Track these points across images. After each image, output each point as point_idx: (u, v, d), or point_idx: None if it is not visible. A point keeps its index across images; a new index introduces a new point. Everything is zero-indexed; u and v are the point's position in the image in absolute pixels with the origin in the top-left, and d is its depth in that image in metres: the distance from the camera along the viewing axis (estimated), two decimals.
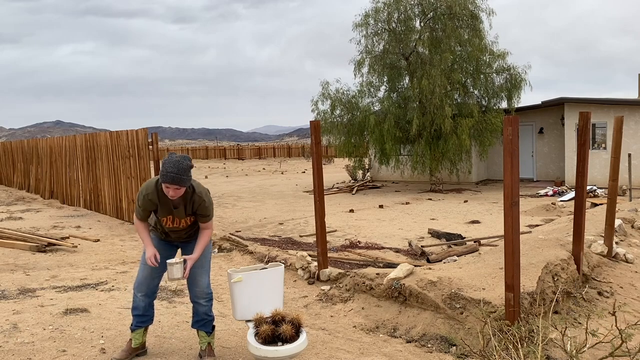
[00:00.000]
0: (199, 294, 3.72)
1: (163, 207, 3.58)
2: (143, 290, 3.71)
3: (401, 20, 16.25)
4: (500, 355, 3.20)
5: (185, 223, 3.65)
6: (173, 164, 3.37)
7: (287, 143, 77.88)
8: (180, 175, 3.37)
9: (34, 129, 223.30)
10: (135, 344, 3.74)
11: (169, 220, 3.62)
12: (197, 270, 3.69)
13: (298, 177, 23.86)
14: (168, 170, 3.37)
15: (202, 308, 3.74)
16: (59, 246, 8.05)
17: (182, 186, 3.41)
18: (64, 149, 14.29)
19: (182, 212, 3.60)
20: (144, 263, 3.68)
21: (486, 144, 16.19)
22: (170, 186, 3.39)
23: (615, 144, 5.71)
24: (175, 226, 3.65)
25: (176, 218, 3.63)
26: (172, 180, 3.37)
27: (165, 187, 3.41)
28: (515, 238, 3.66)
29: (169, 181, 3.37)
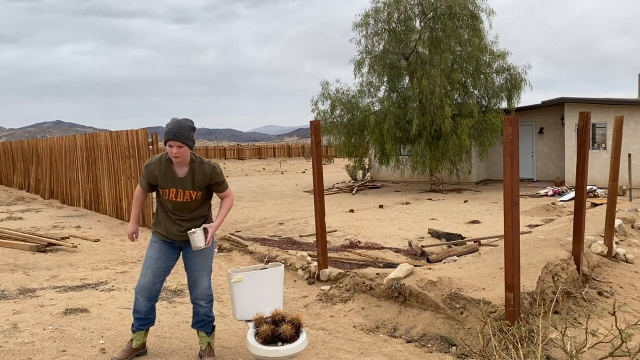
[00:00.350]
0: (200, 295, 3.69)
1: (166, 178, 3.52)
2: (145, 295, 3.65)
3: (401, 20, 16.26)
4: (500, 355, 3.20)
5: (189, 196, 3.54)
6: (174, 122, 3.42)
7: (287, 143, 77.89)
8: (182, 132, 3.37)
9: (34, 129, 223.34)
10: (136, 344, 3.72)
11: (171, 193, 3.52)
12: (198, 272, 3.66)
13: (298, 177, 23.86)
14: (169, 127, 3.40)
15: (203, 309, 3.71)
16: (59, 246, 8.05)
17: (184, 143, 3.39)
18: (64, 149, 14.29)
19: (189, 183, 3.52)
20: (147, 267, 3.63)
21: (486, 144, 16.19)
22: (173, 143, 3.37)
23: (615, 144, 5.70)
24: (179, 199, 3.54)
25: (180, 190, 3.53)
26: (173, 135, 3.37)
27: (168, 147, 3.39)
28: (515, 238, 3.66)
29: (170, 137, 3.37)
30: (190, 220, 3.62)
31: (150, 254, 3.65)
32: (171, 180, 3.53)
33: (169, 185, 3.52)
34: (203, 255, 3.67)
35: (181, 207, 3.59)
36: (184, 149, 3.43)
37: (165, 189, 3.53)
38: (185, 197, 3.55)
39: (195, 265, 3.66)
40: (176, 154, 3.40)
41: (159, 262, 3.63)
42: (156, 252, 3.64)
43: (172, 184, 3.52)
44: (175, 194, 3.54)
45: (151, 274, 3.60)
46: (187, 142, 3.42)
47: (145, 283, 3.62)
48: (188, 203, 3.57)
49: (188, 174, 3.52)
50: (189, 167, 3.53)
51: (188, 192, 3.53)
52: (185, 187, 3.52)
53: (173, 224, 3.62)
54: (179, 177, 3.53)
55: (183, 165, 3.54)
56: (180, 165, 3.53)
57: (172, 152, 3.41)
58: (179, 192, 3.55)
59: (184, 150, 3.43)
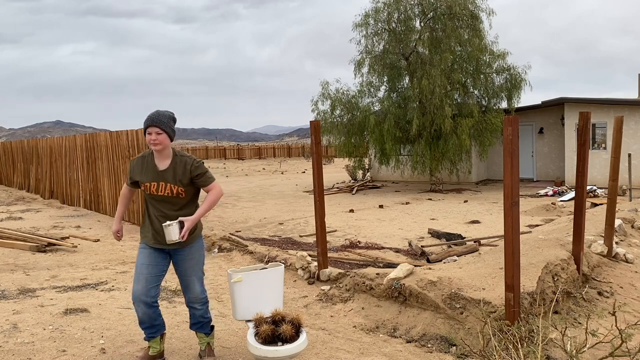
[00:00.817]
0: (194, 299, 3.65)
1: (147, 171, 3.49)
2: (141, 301, 3.52)
3: (401, 20, 16.26)
4: (500, 355, 3.20)
5: (170, 190, 3.45)
6: (154, 111, 3.47)
7: (287, 143, 77.89)
8: (160, 118, 3.38)
9: (34, 129, 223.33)
10: (153, 352, 3.63)
11: (152, 187, 3.45)
12: (190, 277, 3.61)
13: (298, 177, 23.86)
14: (148, 115, 3.43)
15: (198, 312, 3.69)
16: (59, 246, 8.05)
17: (162, 130, 3.38)
18: (64, 149, 14.29)
19: (170, 176, 3.46)
20: (138, 274, 3.53)
21: (486, 144, 16.19)
22: (152, 129, 3.37)
23: (615, 144, 5.70)
24: (160, 193, 3.45)
25: (161, 183, 3.46)
26: (152, 121, 3.37)
27: (147, 135, 3.37)
28: (515, 238, 3.66)
29: (149, 123, 3.38)
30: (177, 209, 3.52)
31: (141, 261, 3.55)
32: (152, 172, 3.49)
33: (149, 178, 3.47)
34: (193, 261, 3.60)
35: (163, 202, 3.50)
36: (163, 136, 3.39)
37: (145, 182, 3.47)
38: (166, 191, 3.47)
39: (186, 271, 3.61)
40: (155, 140, 3.37)
41: (150, 267, 3.53)
42: (146, 258, 3.54)
43: (152, 176, 3.48)
44: (157, 187, 3.47)
45: (144, 281, 3.50)
46: (166, 129, 3.40)
47: (139, 290, 3.51)
48: (170, 198, 3.48)
49: (169, 167, 3.48)
50: (170, 160, 3.50)
51: (169, 185, 3.46)
52: (166, 180, 3.46)
53: (159, 224, 3.51)
54: (159, 170, 3.48)
55: (164, 157, 3.50)
56: (161, 157, 3.49)
57: (150, 139, 3.38)
58: (160, 185, 3.47)
59: (163, 138, 3.39)
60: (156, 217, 3.50)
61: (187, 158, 3.52)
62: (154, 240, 3.53)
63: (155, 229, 3.50)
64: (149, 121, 3.40)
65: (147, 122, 3.42)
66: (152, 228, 3.52)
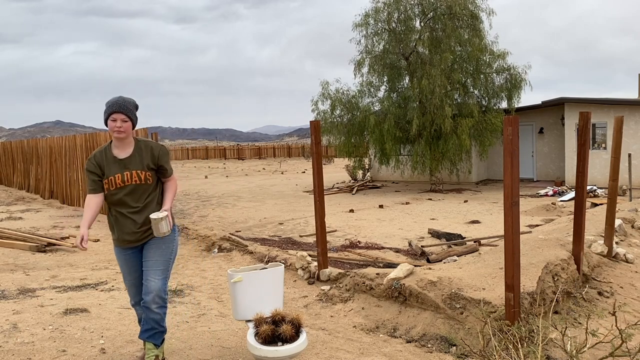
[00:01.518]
0: (150, 297, 3.28)
1: (112, 165, 3.27)
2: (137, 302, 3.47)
3: (401, 20, 16.26)
4: (500, 355, 3.20)
5: (137, 177, 3.26)
6: (117, 97, 3.24)
7: (287, 143, 77.88)
8: (126, 105, 3.19)
9: (34, 129, 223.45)
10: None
11: (117, 179, 3.24)
12: (150, 269, 3.32)
13: (298, 177, 23.86)
14: (112, 101, 3.20)
15: (154, 315, 3.31)
16: (58, 246, 8.05)
17: (128, 117, 3.20)
18: (64, 149, 14.29)
19: (136, 162, 3.27)
20: (126, 282, 3.48)
21: (486, 144, 16.20)
22: (117, 116, 3.17)
23: (615, 144, 5.70)
24: (127, 183, 3.25)
25: (126, 173, 3.26)
26: (118, 107, 3.16)
27: (111, 122, 3.17)
28: (515, 238, 3.66)
29: (115, 109, 3.16)
30: (145, 209, 3.32)
31: (123, 269, 3.46)
32: (115, 164, 3.28)
33: (113, 171, 3.26)
34: (159, 251, 3.37)
35: (131, 193, 3.28)
36: (129, 124, 3.22)
37: (110, 176, 3.25)
38: (133, 179, 3.27)
39: (147, 262, 3.35)
40: (119, 128, 3.18)
41: (133, 272, 3.43)
42: (125, 265, 3.43)
43: (116, 168, 3.27)
44: (122, 178, 3.26)
45: (132, 287, 3.46)
46: (132, 116, 3.23)
47: (132, 295, 3.52)
48: (138, 187, 3.28)
49: (134, 153, 3.29)
50: (133, 147, 3.31)
51: (135, 172, 3.27)
52: (132, 167, 3.27)
53: (126, 220, 3.31)
54: (121, 159, 3.29)
55: (126, 145, 3.30)
56: (122, 146, 3.30)
57: (114, 127, 3.18)
58: (125, 175, 3.27)
59: (128, 126, 3.22)
60: (126, 215, 3.31)
61: (152, 143, 3.37)
62: (125, 240, 3.36)
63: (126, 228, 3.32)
64: (115, 107, 3.17)
65: (112, 108, 3.17)
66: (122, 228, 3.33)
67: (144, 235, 3.38)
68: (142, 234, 3.36)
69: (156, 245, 3.38)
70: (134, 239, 3.37)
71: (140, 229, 3.33)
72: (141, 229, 3.34)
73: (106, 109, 3.20)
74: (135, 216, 3.31)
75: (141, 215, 3.32)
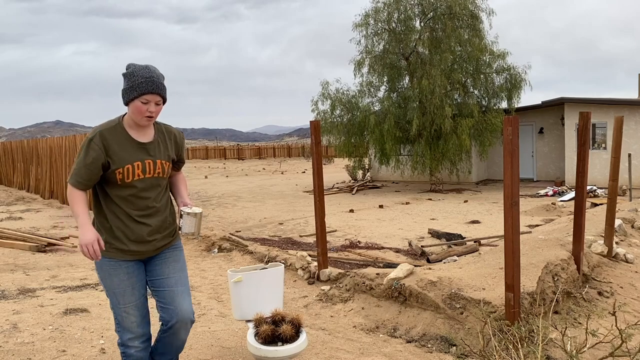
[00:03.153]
0: (183, 323, 2.69)
1: (130, 149, 2.50)
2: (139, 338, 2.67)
3: (401, 20, 16.27)
4: (500, 355, 3.20)
5: (161, 169, 2.58)
6: (145, 68, 2.46)
7: (287, 143, 77.89)
8: (161, 80, 2.49)
9: (34, 129, 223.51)
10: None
11: (137, 168, 2.49)
12: (176, 287, 2.69)
13: (298, 177, 23.86)
14: (145, 75, 2.43)
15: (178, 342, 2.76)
16: (59, 246, 8.05)
17: (163, 98, 2.51)
18: (64, 149, 14.29)
19: (159, 150, 2.59)
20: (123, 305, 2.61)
21: (486, 144, 16.21)
22: (151, 97, 2.44)
23: (615, 144, 5.70)
24: (148, 175, 2.54)
25: (148, 161, 2.53)
26: (154, 86, 2.43)
27: (140, 104, 2.43)
28: (515, 238, 3.66)
29: (150, 87, 2.42)
30: (161, 211, 2.63)
31: (121, 287, 2.59)
32: (133, 148, 2.51)
33: (131, 158, 2.49)
34: (179, 264, 2.75)
35: (150, 188, 2.56)
36: (161, 107, 2.53)
37: (127, 164, 2.47)
38: (157, 171, 2.57)
39: (169, 280, 2.69)
40: (151, 114, 2.48)
41: (137, 290, 2.65)
42: (130, 280, 2.61)
43: (136, 154, 2.50)
44: (143, 168, 2.51)
45: (135, 310, 2.64)
46: (166, 97, 2.54)
47: (133, 326, 2.65)
48: (159, 181, 2.60)
49: (156, 139, 2.60)
50: (154, 131, 2.61)
51: (160, 162, 2.58)
52: (156, 155, 2.57)
53: (137, 225, 2.55)
54: (142, 143, 2.54)
55: (148, 128, 2.59)
56: (143, 129, 2.57)
57: (145, 111, 2.45)
58: (147, 164, 2.53)
59: (160, 109, 2.53)
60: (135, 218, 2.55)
61: (172, 128, 2.73)
62: (132, 252, 2.58)
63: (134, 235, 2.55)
64: (150, 85, 2.43)
65: (146, 87, 2.42)
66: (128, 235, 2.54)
67: (161, 244, 2.68)
68: (158, 242, 2.65)
69: (173, 257, 2.75)
70: (144, 250, 2.61)
71: (154, 236, 2.61)
72: (155, 236, 2.62)
73: (135, 86, 2.42)
74: (150, 219, 2.58)
75: (156, 218, 2.61)
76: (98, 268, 2.60)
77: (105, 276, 2.59)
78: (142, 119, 2.47)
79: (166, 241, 2.70)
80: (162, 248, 2.69)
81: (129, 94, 2.44)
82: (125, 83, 2.46)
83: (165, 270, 2.70)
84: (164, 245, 2.69)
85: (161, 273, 2.69)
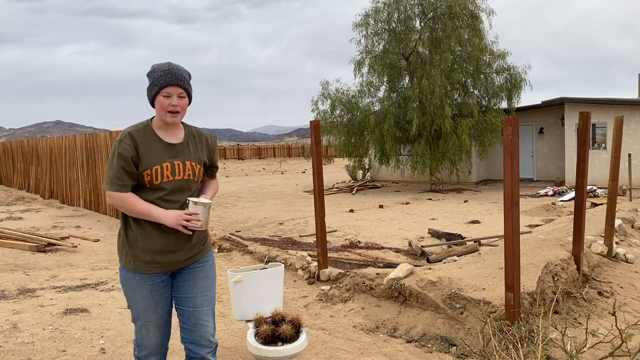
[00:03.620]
0: (205, 343, 2.54)
1: (159, 149, 2.39)
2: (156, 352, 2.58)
3: (401, 20, 16.28)
4: (500, 355, 3.20)
5: (191, 171, 2.44)
6: (166, 64, 2.40)
7: (287, 143, 77.90)
8: (182, 73, 2.39)
9: (34, 129, 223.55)
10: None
11: (166, 169, 2.37)
12: (202, 308, 2.54)
13: (298, 177, 23.86)
14: (164, 68, 2.37)
15: None
16: (58, 246, 8.05)
17: (186, 90, 2.41)
18: (64, 149, 14.29)
19: (190, 151, 2.47)
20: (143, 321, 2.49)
21: (486, 144, 16.21)
22: (173, 90, 2.35)
23: (615, 144, 5.70)
24: (178, 177, 2.40)
25: (178, 163, 2.41)
26: (174, 78, 2.35)
27: (162, 98, 2.35)
28: (515, 238, 3.66)
29: (170, 80, 2.34)
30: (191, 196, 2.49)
31: (144, 304, 2.47)
32: (162, 149, 2.40)
33: (160, 158, 2.38)
34: (208, 281, 2.57)
35: (179, 191, 2.42)
36: (185, 101, 2.41)
37: (155, 165, 2.36)
38: (187, 173, 2.43)
39: (196, 299, 2.53)
40: (175, 107, 2.37)
41: (161, 308, 2.52)
42: (153, 298, 2.47)
43: (164, 155, 2.39)
44: (172, 169, 2.39)
45: (155, 329, 2.52)
46: (190, 90, 2.43)
47: (151, 344, 2.54)
48: (189, 184, 2.45)
49: (186, 140, 2.48)
50: (184, 131, 2.50)
51: (190, 163, 2.44)
52: (185, 156, 2.45)
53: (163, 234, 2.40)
54: (172, 144, 2.43)
55: (176, 128, 2.48)
56: (172, 129, 2.46)
57: (168, 105, 2.36)
58: (177, 166, 2.40)
59: (185, 103, 2.41)
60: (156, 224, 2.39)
61: (204, 131, 2.61)
62: (158, 264, 2.43)
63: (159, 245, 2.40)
64: (170, 77, 2.34)
65: (166, 79, 2.34)
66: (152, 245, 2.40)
67: (189, 255, 2.50)
68: (186, 253, 2.48)
69: (203, 274, 2.56)
70: (171, 261, 2.45)
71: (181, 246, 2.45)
72: (183, 246, 2.45)
73: (155, 81, 2.36)
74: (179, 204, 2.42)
75: None
76: (122, 281, 2.50)
77: (128, 290, 2.49)
78: (166, 114, 2.38)
79: (195, 250, 2.52)
80: (191, 259, 2.51)
81: (151, 91, 2.38)
82: (149, 82, 2.41)
83: (193, 289, 2.53)
84: (193, 256, 2.52)
85: (188, 291, 2.53)
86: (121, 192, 2.35)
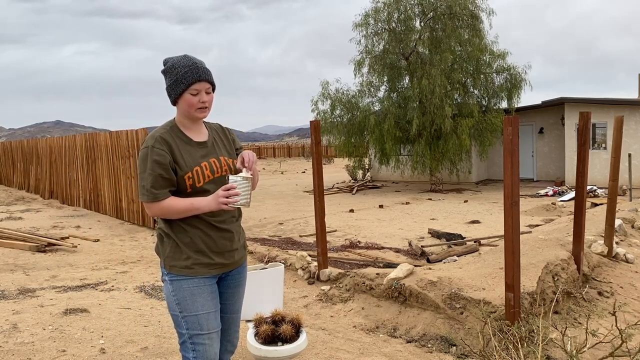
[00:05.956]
0: (230, 347, 2.53)
1: (193, 150, 2.25)
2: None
3: (401, 20, 16.28)
4: (500, 355, 3.20)
5: (227, 165, 2.31)
6: (185, 57, 2.23)
7: (287, 143, 77.89)
8: (207, 67, 2.25)
9: (34, 129, 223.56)
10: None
11: (206, 169, 2.23)
12: (236, 314, 2.49)
13: (298, 177, 23.86)
14: (187, 64, 2.19)
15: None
16: (58, 246, 8.05)
17: (212, 84, 2.26)
18: (63, 149, 14.29)
19: (219, 146, 2.35)
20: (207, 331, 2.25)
21: (486, 144, 16.22)
22: (201, 86, 2.19)
23: (615, 144, 5.70)
24: (217, 174, 2.28)
25: (213, 160, 2.27)
26: (202, 72, 2.19)
27: (191, 96, 2.19)
28: (515, 238, 3.66)
29: (198, 75, 2.18)
30: (235, 214, 2.37)
31: (204, 309, 2.25)
32: (195, 149, 2.26)
33: (197, 159, 2.24)
34: (242, 289, 2.50)
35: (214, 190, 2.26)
36: (212, 95, 2.27)
37: (195, 166, 2.22)
38: (224, 169, 2.30)
39: (233, 305, 2.47)
40: (204, 104, 2.22)
41: (215, 313, 2.31)
42: (213, 299, 2.29)
43: (200, 155, 2.26)
44: (210, 168, 2.26)
45: (217, 338, 2.31)
46: (214, 83, 2.28)
47: (212, 356, 2.28)
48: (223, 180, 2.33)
49: (210, 136, 2.36)
50: (204, 127, 2.38)
51: (223, 159, 2.32)
52: (217, 153, 2.32)
53: (220, 233, 2.28)
54: (201, 142, 2.30)
55: (199, 125, 2.34)
56: (196, 127, 2.31)
57: (197, 102, 2.20)
58: (213, 164, 2.28)
59: (212, 99, 2.27)
60: (216, 225, 2.27)
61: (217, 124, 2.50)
62: (218, 265, 2.30)
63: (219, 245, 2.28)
64: (198, 72, 2.18)
65: (193, 75, 2.17)
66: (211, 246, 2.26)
67: (240, 255, 2.42)
68: (239, 252, 2.41)
69: (242, 280, 2.49)
70: (229, 262, 2.35)
71: (236, 244, 2.37)
72: (237, 244, 2.38)
73: (180, 78, 2.17)
74: (230, 225, 2.32)
75: (235, 223, 2.36)
76: (175, 291, 2.23)
77: (185, 299, 2.22)
78: (196, 111, 2.22)
79: (243, 252, 2.45)
80: (239, 262, 2.42)
81: (176, 89, 2.19)
82: (168, 79, 2.22)
83: (235, 295, 2.46)
84: (241, 257, 2.43)
85: (230, 297, 2.44)
86: (159, 202, 2.17)
